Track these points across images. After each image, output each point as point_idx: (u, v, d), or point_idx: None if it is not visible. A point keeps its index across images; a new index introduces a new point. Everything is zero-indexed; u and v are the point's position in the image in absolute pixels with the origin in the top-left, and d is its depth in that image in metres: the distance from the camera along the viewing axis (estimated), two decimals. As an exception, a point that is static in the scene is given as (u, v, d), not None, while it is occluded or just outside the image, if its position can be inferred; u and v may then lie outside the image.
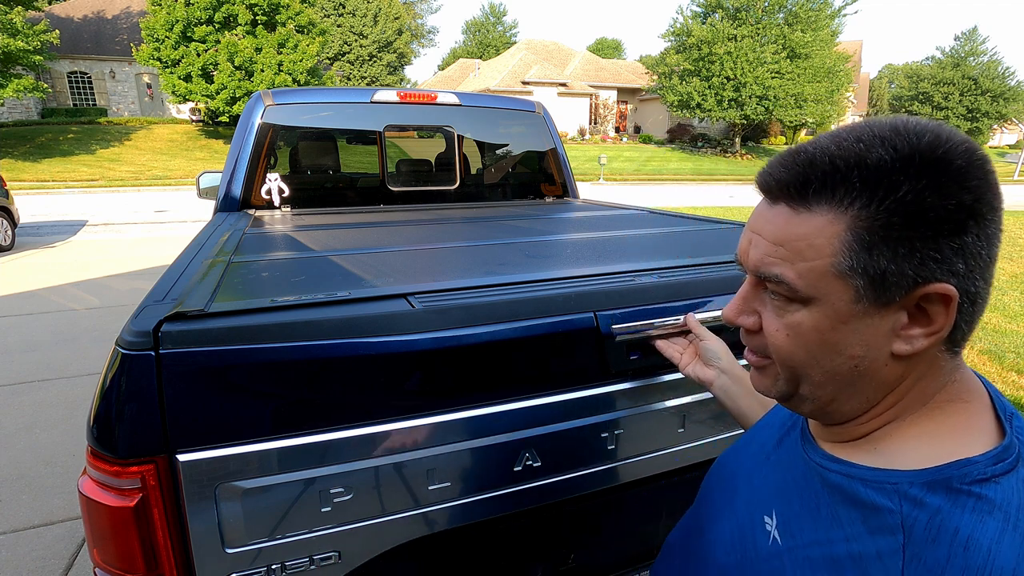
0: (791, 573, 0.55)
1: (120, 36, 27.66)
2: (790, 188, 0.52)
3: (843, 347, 0.52)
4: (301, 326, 0.88)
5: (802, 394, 0.57)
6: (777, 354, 0.56)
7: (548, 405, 1.05)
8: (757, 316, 0.57)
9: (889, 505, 0.49)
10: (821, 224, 0.50)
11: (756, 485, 0.67)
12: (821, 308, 0.51)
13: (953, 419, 0.52)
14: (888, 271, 0.48)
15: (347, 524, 0.95)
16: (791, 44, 25.59)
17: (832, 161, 0.49)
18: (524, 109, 3.13)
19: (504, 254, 1.54)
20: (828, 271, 0.50)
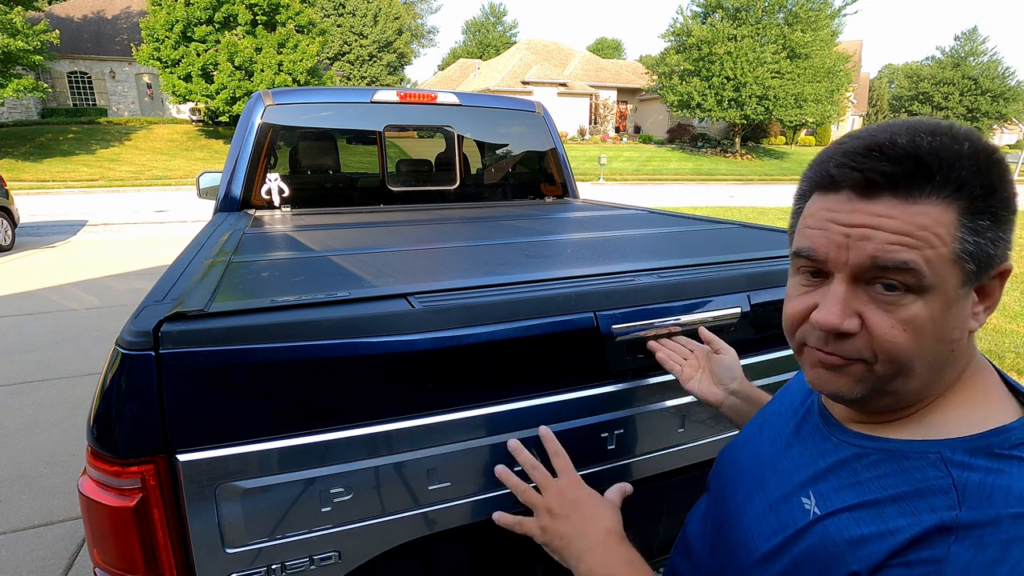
0: (834, 532, 0.56)
1: (120, 36, 27.66)
2: (899, 181, 0.52)
3: (948, 332, 0.54)
4: (301, 326, 0.88)
5: (889, 389, 0.56)
6: (890, 352, 0.54)
7: (548, 405, 1.05)
8: (858, 318, 0.55)
9: (936, 472, 0.52)
10: (937, 213, 0.52)
11: (785, 471, 0.67)
12: (936, 296, 0.52)
13: (981, 388, 0.57)
14: (991, 254, 0.53)
15: (347, 524, 0.95)
16: (791, 44, 25.58)
17: (937, 154, 0.52)
18: (524, 109, 3.14)
19: (504, 254, 1.54)
20: (949, 257, 0.52)
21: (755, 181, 23.54)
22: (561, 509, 0.80)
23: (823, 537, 0.57)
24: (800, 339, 0.61)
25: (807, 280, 0.60)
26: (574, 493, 0.82)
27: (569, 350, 1.06)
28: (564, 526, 0.78)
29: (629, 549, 0.75)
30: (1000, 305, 5.59)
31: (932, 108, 42.76)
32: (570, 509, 0.80)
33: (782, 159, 29.22)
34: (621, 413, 1.12)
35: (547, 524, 0.80)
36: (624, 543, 0.76)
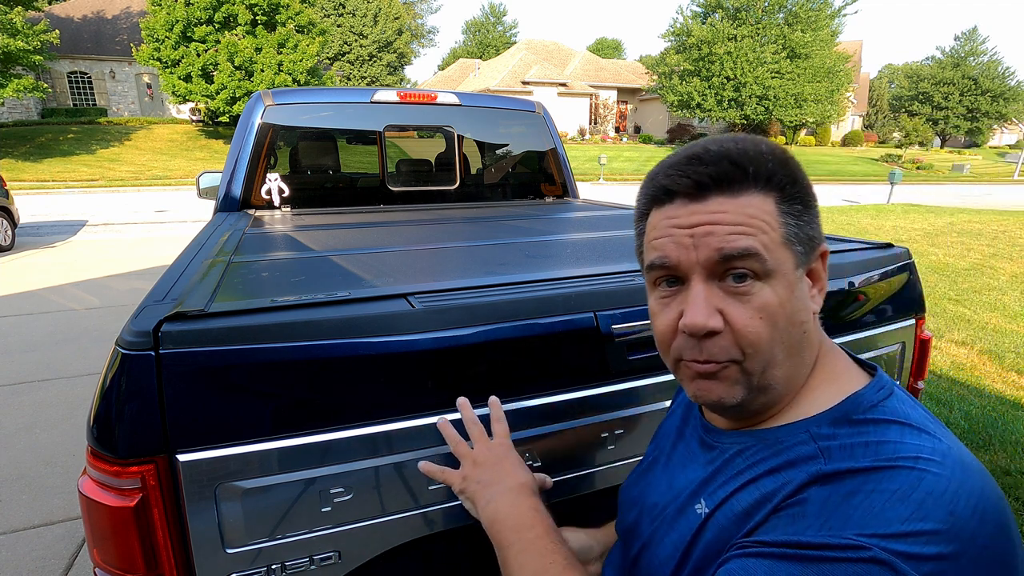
0: (722, 519, 0.59)
1: (120, 36, 27.67)
2: (722, 178, 0.58)
3: (796, 314, 0.59)
4: (301, 326, 0.88)
5: (763, 384, 0.60)
6: (754, 343, 0.58)
7: (548, 405, 1.04)
8: (721, 316, 0.58)
9: (805, 445, 0.57)
10: (760, 203, 0.58)
11: (679, 490, 0.69)
12: (778, 280, 0.58)
13: (833, 366, 0.63)
14: (810, 235, 0.60)
15: (347, 524, 0.95)
16: (791, 44, 25.59)
17: (744, 155, 0.59)
18: (524, 109, 3.14)
19: (504, 254, 1.54)
20: (780, 241, 0.58)
21: (755, 181, 23.50)
22: (486, 460, 0.85)
23: (715, 529, 0.60)
24: (675, 355, 0.63)
25: (665, 291, 0.63)
26: (502, 450, 0.86)
27: (569, 350, 1.06)
28: (484, 474, 0.83)
29: (539, 501, 0.78)
30: (1000, 305, 5.58)
31: (932, 108, 42.77)
32: (494, 462, 0.84)
33: (782, 159, 29.14)
34: (621, 413, 1.12)
35: (468, 472, 0.84)
36: (535, 496, 0.80)
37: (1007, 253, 8.13)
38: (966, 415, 3.26)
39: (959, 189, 22.19)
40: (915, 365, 1.52)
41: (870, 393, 0.58)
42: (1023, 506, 2.45)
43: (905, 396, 0.59)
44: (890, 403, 0.57)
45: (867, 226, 10.64)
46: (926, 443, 0.51)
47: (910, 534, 0.45)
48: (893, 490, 0.47)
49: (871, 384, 0.60)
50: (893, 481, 0.48)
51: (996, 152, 41.45)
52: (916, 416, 0.56)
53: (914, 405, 0.58)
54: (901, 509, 0.46)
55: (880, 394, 0.58)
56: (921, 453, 0.50)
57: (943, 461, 0.49)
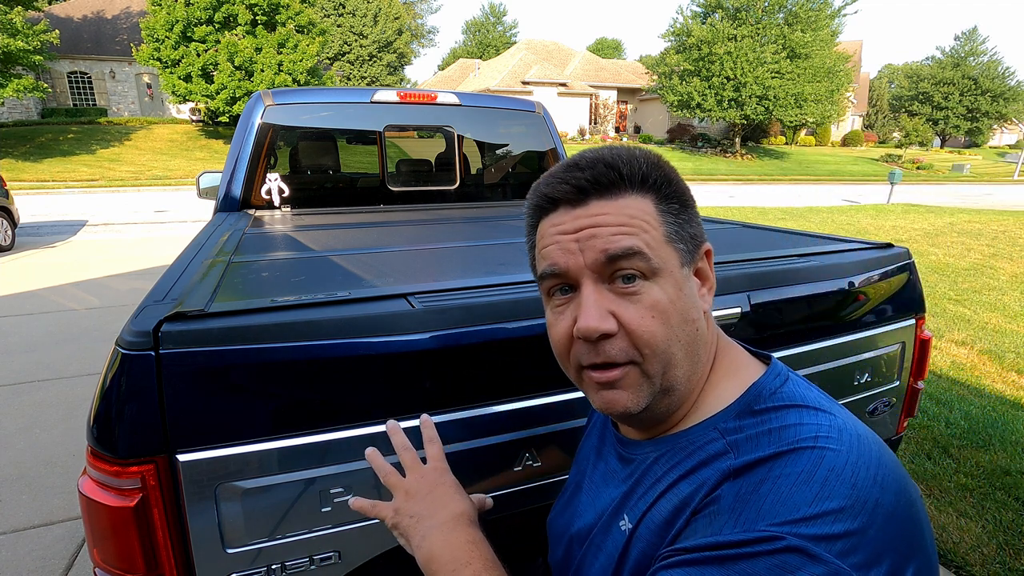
0: (646, 533, 0.59)
1: (120, 36, 27.66)
2: (600, 183, 0.59)
3: (688, 312, 0.60)
4: (301, 326, 0.88)
5: (666, 385, 0.60)
6: (649, 342, 0.57)
7: (548, 405, 1.05)
8: (613, 318, 0.58)
9: (715, 444, 0.57)
10: (638, 203, 0.59)
11: (602, 510, 0.68)
12: (665, 279, 0.59)
13: (729, 361, 0.64)
14: (691, 234, 0.62)
15: (347, 524, 0.95)
16: (791, 44, 25.57)
17: (618, 158, 0.60)
18: (524, 109, 3.14)
19: (504, 254, 1.54)
20: (662, 239, 0.59)
21: (755, 181, 23.55)
22: (419, 490, 0.77)
23: (641, 544, 0.59)
24: (575, 362, 0.62)
25: (559, 299, 0.63)
26: (436, 477, 0.79)
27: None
28: (417, 506, 0.75)
29: (476, 531, 0.73)
30: (1000, 305, 5.58)
31: (932, 108, 42.76)
32: (427, 491, 0.77)
33: (782, 159, 29.22)
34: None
35: (401, 505, 0.76)
36: (473, 526, 0.74)
37: (1007, 253, 8.13)
38: (966, 415, 3.26)
39: (959, 189, 22.18)
40: (915, 365, 1.52)
41: (768, 381, 0.60)
42: (1023, 506, 2.46)
43: (799, 379, 0.61)
44: (787, 388, 0.59)
45: (867, 226, 10.64)
46: (823, 421, 0.53)
47: (818, 516, 0.46)
48: (797, 473, 0.49)
49: (767, 372, 0.61)
50: (796, 464, 0.49)
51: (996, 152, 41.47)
52: (811, 397, 0.57)
53: (808, 387, 0.60)
54: (806, 491, 0.47)
55: (777, 381, 0.60)
56: (819, 432, 0.52)
57: (840, 436, 0.51)
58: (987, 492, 2.56)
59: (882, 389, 1.46)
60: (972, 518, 2.39)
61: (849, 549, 0.45)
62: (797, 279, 1.26)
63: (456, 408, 0.98)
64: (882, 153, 34.09)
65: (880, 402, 1.47)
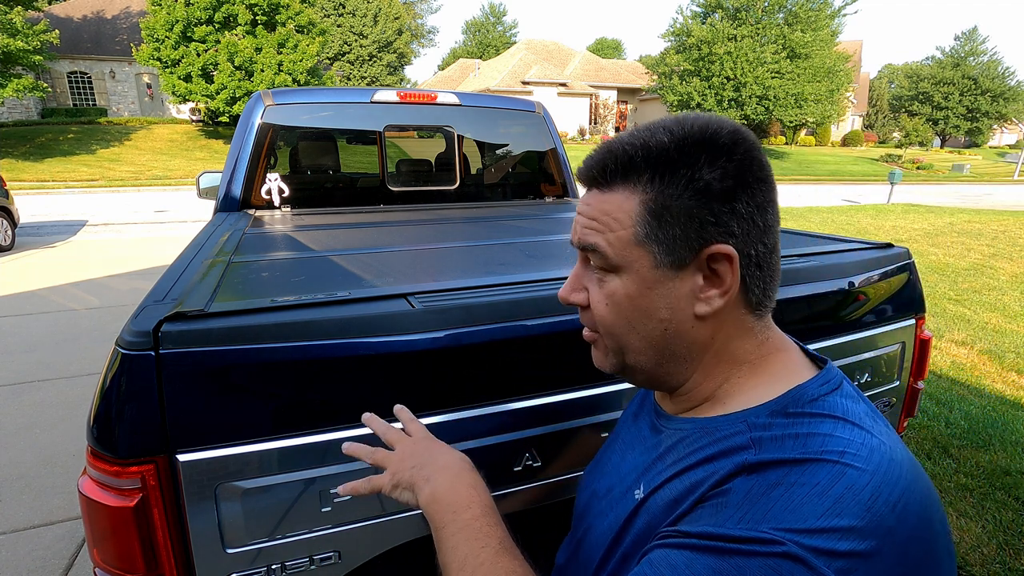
0: (654, 507, 0.60)
1: (120, 36, 27.67)
2: (595, 173, 0.61)
3: (652, 311, 0.59)
4: (301, 326, 0.88)
5: (629, 364, 0.63)
6: (601, 324, 0.62)
7: (548, 405, 1.05)
8: (586, 292, 0.64)
9: (740, 435, 0.57)
10: (620, 200, 0.59)
11: (625, 474, 0.70)
12: (629, 275, 0.59)
13: (779, 364, 0.62)
14: (676, 236, 0.57)
15: (347, 524, 0.95)
16: (791, 44, 25.58)
17: (623, 148, 0.59)
18: (524, 109, 3.13)
19: (504, 254, 1.54)
20: (630, 240, 0.58)
21: (755, 181, 23.49)
22: (413, 451, 0.76)
23: (647, 516, 0.60)
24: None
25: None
26: (427, 438, 0.79)
27: (569, 350, 1.06)
28: (415, 459, 0.74)
29: (477, 476, 0.73)
30: (1000, 305, 5.58)
31: (932, 108, 42.79)
32: (423, 448, 0.76)
33: (782, 159, 29.21)
34: (621, 413, 1.12)
35: (397, 466, 0.75)
36: (474, 471, 0.74)
37: (1007, 253, 8.13)
38: (966, 415, 3.26)
39: (959, 189, 22.19)
40: (915, 365, 1.52)
41: (813, 387, 0.58)
42: (1023, 506, 2.46)
43: (851, 391, 0.59)
44: (831, 398, 0.57)
45: (867, 226, 10.64)
46: (856, 437, 0.51)
47: (825, 530, 0.45)
48: (814, 484, 0.48)
49: (816, 378, 0.59)
50: (816, 475, 0.48)
51: (996, 152, 41.48)
52: (855, 411, 0.55)
53: (858, 400, 0.58)
54: (819, 504, 0.47)
55: (823, 388, 0.58)
56: (848, 448, 0.50)
57: (869, 456, 0.49)
58: (987, 492, 2.56)
59: (882, 389, 1.46)
60: (972, 518, 2.39)
61: (849, 569, 0.45)
62: (797, 279, 1.26)
63: (456, 408, 0.98)
64: (882, 153, 34.10)
65: (880, 402, 1.47)
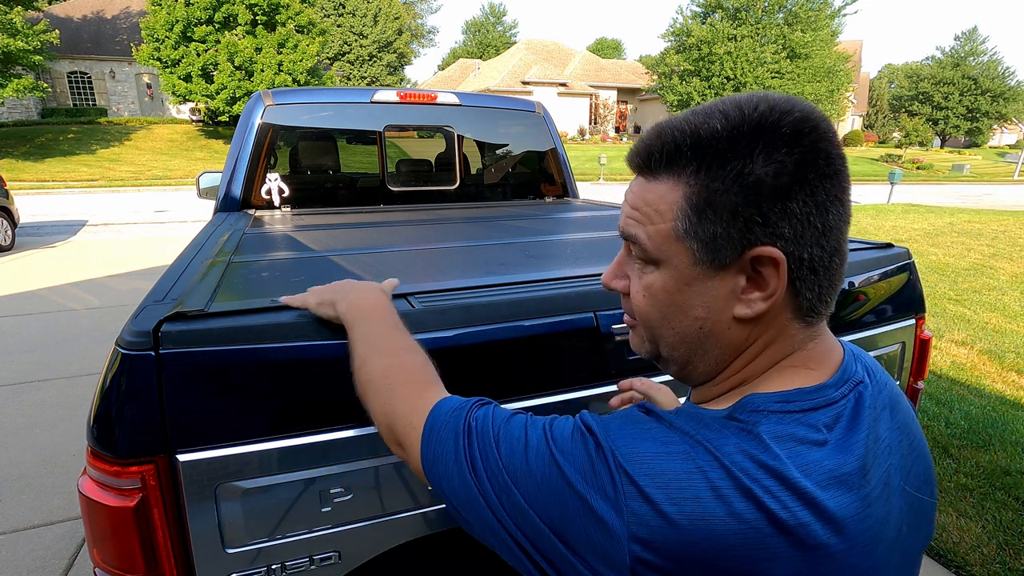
0: None
1: (120, 36, 27.67)
2: (640, 160, 0.57)
3: (688, 308, 0.56)
4: (301, 326, 0.88)
5: (663, 355, 0.62)
6: (637, 313, 0.61)
7: (548, 405, 1.04)
8: (627, 280, 0.63)
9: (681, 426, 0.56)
10: (663, 191, 0.55)
11: None
12: (668, 270, 0.56)
13: (788, 381, 0.56)
14: (717, 235, 0.52)
15: (347, 524, 0.95)
16: (791, 44, 25.60)
17: (672, 134, 0.54)
18: (524, 109, 3.13)
19: (504, 254, 1.54)
20: (670, 234, 0.55)
21: (755, 181, 23.49)
22: (337, 283, 0.93)
23: None
24: None
25: None
26: (350, 279, 0.95)
27: (569, 350, 1.06)
28: (337, 285, 0.92)
29: (388, 298, 0.89)
30: (1000, 305, 5.58)
31: (932, 108, 42.79)
32: (345, 281, 0.93)
33: (782, 159, 29.10)
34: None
35: (322, 290, 0.92)
36: (387, 294, 0.91)
37: (1007, 253, 8.12)
38: (966, 415, 3.26)
39: (959, 189, 22.19)
40: (915, 365, 1.52)
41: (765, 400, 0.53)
42: (1023, 506, 2.46)
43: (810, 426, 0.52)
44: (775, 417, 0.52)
45: (867, 226, 10.64)
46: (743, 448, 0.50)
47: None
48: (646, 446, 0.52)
49: (781, 393, 0.54)
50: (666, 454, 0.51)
51: (996, 152, 41.45)
52: (757, 446, 0.50)
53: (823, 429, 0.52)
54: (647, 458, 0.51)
55: (775, 406, 0.53)
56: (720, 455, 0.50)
57: (665, 483, 0.49)
58: (987, 492, 2.56)
59: (882, 389, 1.46)
60: (972, 518, 2.39)
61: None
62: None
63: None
64: (882, 153, 34.10)
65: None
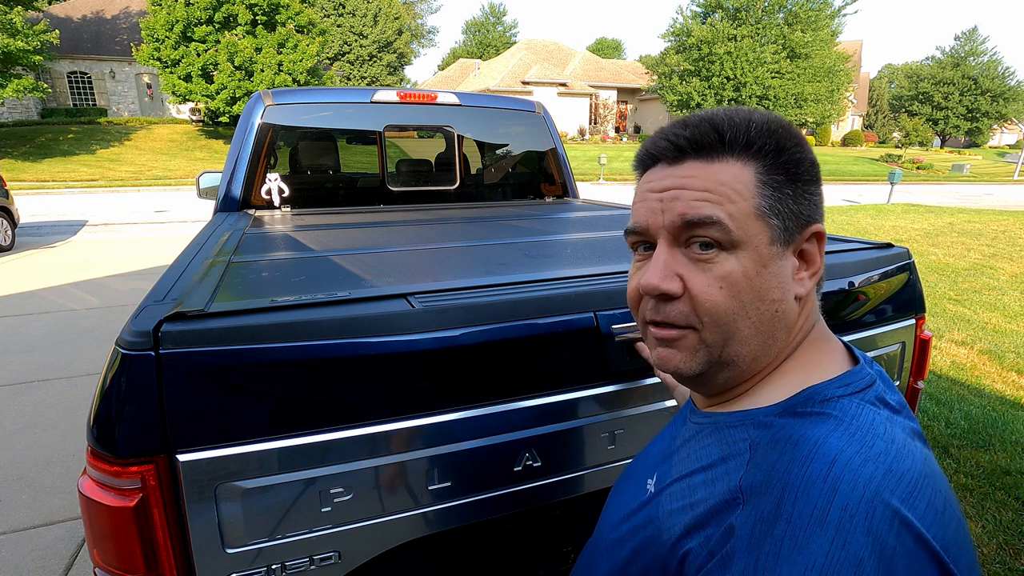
0: (657, 506, 0.58)
1: (120, 36, 27.66)
2: (701, 144, 0.57)
3: (767, 291, 0.56)
4: (301, 326, 0.88)
5: (725, 358, 0.57)
6: (711, 312, 0.56)
7: (548, 405, 1.05)
8: (680, 280, 0.57)
9: (742, 434, 0.54)
10: (736, 171, 0.56)
11: (650, 459, 0.69)
12: (747, 252, 0.55)
13: (817, 354, 0.59)
14: (792, 211, 0.56)
15: (347, 524, 0.95)
16: (791, 44, 25.60)
17: (731, 120, 0.57)
18: (524, 109, 3.13)
19: (504, 254, 1.54)
20: (751, 212, 0.55)
21: (755, 181, 23.49)
22: None
23: (651, 515, 0.59)
24: (642, 316, 0.62)
25: (640, 255, 0.63)
26: None
27: (569, 350, 1.06)
28: None
29: None
30: (1000, 305, 5.58)
31: (932, 108, 42.78)
32: None
33: (782, 159, 29.13)
34: (622, 413, 1.12)
35: None
36: None
37: (1007, 253, 8.12)
38: (966, 415, 3.26)
39: (959, 189, 22.18)
40: (915, 365, 1.52)
41: (830, 388, 0.53)
42: (1023, 506, 2.46)
43: (877, 394, 0.53)
44: (845, 401, 0.52)
45: (867, 226, 10.64)
46: (849, 446, 0.46)
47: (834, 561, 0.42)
48: (811, 511, 0.44)
49: (838, 378, 0.55)
50: (808, 497, 0.44)
51: (996, 152, 41.45)
52: (866, 418, 0.50)
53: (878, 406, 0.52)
54: (822, 536, 0.43)
55: (840, 390, 0.53)
56: (839, 457, 0.46)
57: (860, 467, 0.45)
58: (987, 492, 2.56)
59: (882, 389, 1.46)
60: (972, 518, 2.39)
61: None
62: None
63: (456, 408, 0.98)
64: (882, 153, 34.10)
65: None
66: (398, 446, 0.95)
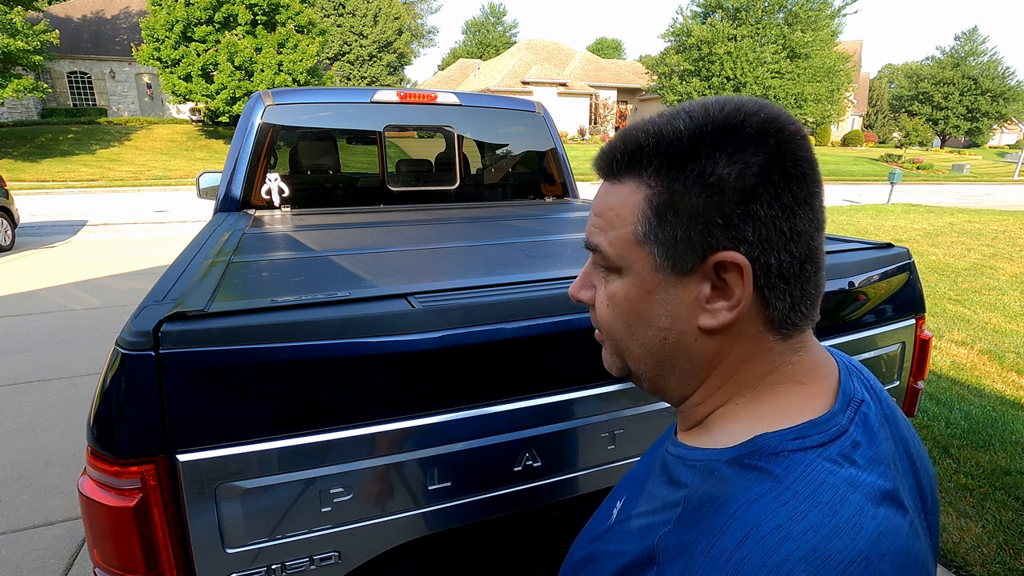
0: (606, 542, 0.57)
1: (120, 36, 27.67)
2: (604, 163, 0.55)
3: (651, 318, 0.53)
4: (301, 326, 0.88)
5: (631, 369, 0.58)
6: (602, 325, 0.58)
7: (548, 405, 1.05)
8: (594, 291, 0.59)
9: (690, 477, 0.50)
10: (626, 194, 0.52)
11: (628, 479, 0.67)
12: (630, 277, 0.53)
13: (783, 399, 0.51)
14: (677, 238, 0.49)
15: (347, 524, 0.95)
16: (791, 44, 25.60)
17: (636, 135, 0.51)
18: (524, 109, 3.13)
19: (504, 254, 1.54)
20: (630, 239, 0.52)
21: (755, 181, 23.49)
22: None
23: (597, 549, 0.58)
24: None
25: None
26: None
27: (569, 350, 1.06)
28: None
29: None
30: (1000, 305, 5.58)
31: (932, 108, 42.80)
32: None
33: (782, 159, 29.10)
34: (622, 413, 1.12)
35: None
36: None
37: (1007, 253, 8.12)
38: (966, 415, 3.26)
39: (959, 189, 22.18)
40: (915, 365, 1.52)
41: (780, 439, 0.46)
42: (1023, 506, 2.46)
43: (842, 451, 0.45)
44: (799, 456, 0.45)
45: (867, 226, 10.64)
46: (773, 519, 0.40)
47: None
48: None
49: (795, 428, 0.47)
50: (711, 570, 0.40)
51: (996, 152, 41.47)
52: (816, 477, 0.43)
53: (840, 463, 0.44)
54: None
55: (793, 444, 0.46)
56: (753, 533, 0.40)
57: (772, 549, 0.39)
58: (987, 492, 2.56)
59: (882, 389, 1.46)
60: (972, 518, 2.39)
61: None
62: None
63: (456, 408, 0.98)
64: (882, 153, 34.10)
65: (880, 402, 1.47)
66: (398, 446, 0.95)
